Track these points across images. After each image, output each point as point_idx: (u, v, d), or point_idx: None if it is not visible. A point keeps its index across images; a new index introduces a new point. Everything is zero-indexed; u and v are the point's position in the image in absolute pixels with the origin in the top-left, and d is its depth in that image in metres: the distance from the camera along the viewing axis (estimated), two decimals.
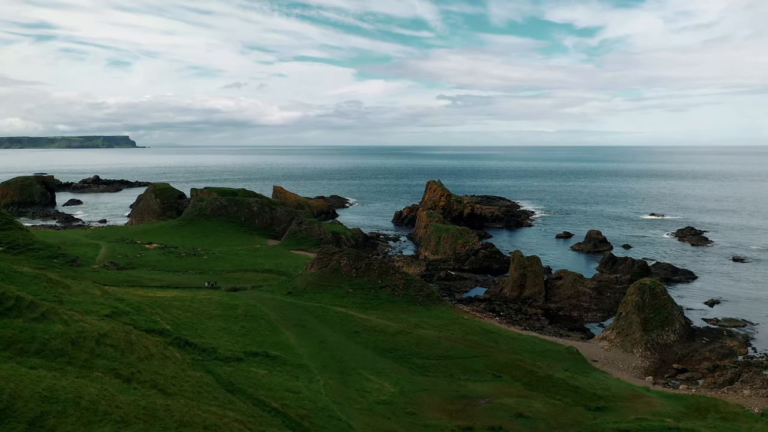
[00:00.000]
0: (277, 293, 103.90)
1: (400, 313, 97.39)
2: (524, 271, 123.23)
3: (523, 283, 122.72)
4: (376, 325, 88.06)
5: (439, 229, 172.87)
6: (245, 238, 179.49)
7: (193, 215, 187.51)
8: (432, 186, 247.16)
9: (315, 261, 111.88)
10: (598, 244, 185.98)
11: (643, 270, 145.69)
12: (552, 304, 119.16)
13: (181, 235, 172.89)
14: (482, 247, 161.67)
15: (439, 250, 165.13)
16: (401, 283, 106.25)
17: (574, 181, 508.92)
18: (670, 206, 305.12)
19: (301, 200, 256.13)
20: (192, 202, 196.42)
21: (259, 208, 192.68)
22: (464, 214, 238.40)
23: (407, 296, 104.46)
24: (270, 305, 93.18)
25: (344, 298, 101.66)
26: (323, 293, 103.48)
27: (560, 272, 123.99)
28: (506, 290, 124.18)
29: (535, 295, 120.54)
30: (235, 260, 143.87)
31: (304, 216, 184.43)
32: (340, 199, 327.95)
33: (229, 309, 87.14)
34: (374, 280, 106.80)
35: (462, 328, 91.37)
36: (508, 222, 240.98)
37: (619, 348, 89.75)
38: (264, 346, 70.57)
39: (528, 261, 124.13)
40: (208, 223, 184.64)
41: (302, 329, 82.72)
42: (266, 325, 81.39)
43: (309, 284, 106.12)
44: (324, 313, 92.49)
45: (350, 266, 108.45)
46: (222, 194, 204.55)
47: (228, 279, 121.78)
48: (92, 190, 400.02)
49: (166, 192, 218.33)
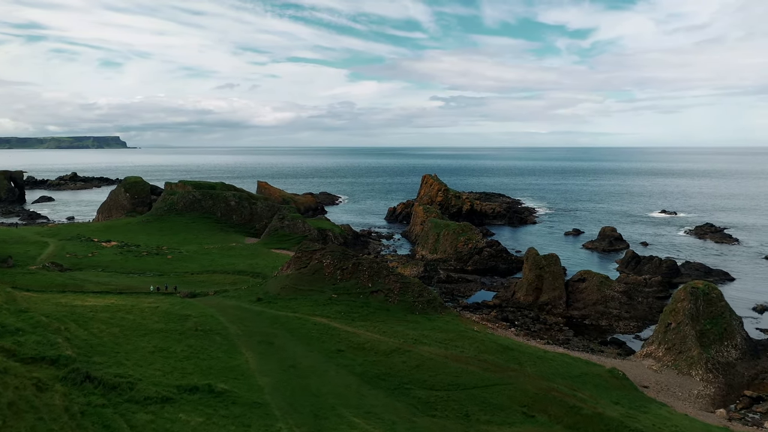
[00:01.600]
0: (244, 300, 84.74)
1: (395, 324, 78.53)
2: (540, 271, 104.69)
3: (539, 286, 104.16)
4: (365, 341, 69.17)
5: (438, 225, 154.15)
6: (220, 235, 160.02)
7: (162, 210, 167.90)
8: (428, 180, 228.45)
9: (292, 260, 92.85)
10: (614, 241, 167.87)
11: (672, 270, 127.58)
12: (575, 311, 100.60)
13: (146, 233, 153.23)
14: (487, 245, 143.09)
15: (438, 249, 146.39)
16: (396, 287, 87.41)
17: (573, 179, 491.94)
18: (680, 203, 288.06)
19: (286, 196, 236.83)
20: (162, 195, 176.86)
21: (237, 202, 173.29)
22: (463, 211, 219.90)
23: (403, 303, 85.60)
24: (231, 316, 74.12)
25: (326, 305, 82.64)
26: (301, 300, 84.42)
27: (583, 273, 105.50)
28: (519, 294, 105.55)
29: (555, 300, 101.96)
30: (204, 260, 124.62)
31: (288, 211, 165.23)
32: (330, 196, 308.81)
33: (176, 321, 68.01)
34: (364, 283, 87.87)
35: (473, 343, 72.59)
36: (511, 219, 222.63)
37: (671, 368, 71.26)
38: (210, 376, 51.54)
39: (545, 260, 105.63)
40: (179, 219, 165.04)
41: (268, 348, 63.72)
42: (221, 344, 62.34)
43: (284, 288, 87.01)
44: (300, 325, 73.52)
45: (334, 266, 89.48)
46: (198, 188, 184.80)
47: (190, 282, 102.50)
48: (69, 187, 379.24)
49: (137, 186, 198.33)
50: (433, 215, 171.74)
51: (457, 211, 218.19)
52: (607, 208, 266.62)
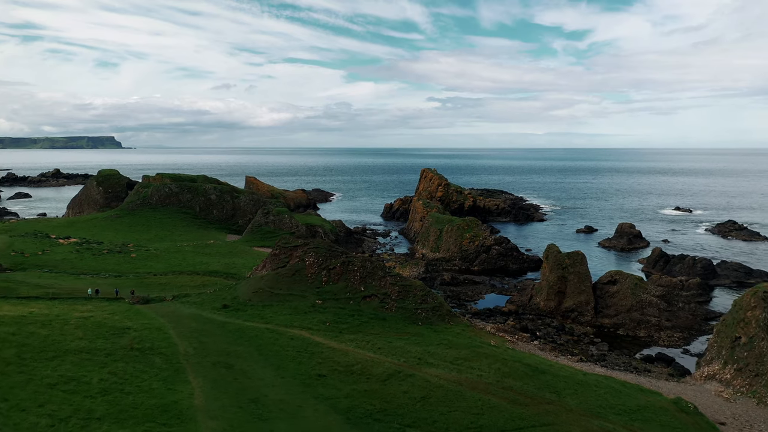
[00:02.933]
0: (207, 307, 68.89)
1: (394, 338, 62.81)
2: (564, 272, 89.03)
3: (562, 289, 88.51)
4: (354, 362, 53.47)
5: (440, 220, 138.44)
6: (198, 232, 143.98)
7: (134, 204, 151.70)
8: (427, 174, 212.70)
9: (268, 259, 77.06)
10: (633, 239, 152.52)
11: (708, 271, 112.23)
12: (606, 318, 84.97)
13: (114, 229, 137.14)
14: (495, 243, 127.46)
15: (441, 247, 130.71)
16: (394, 291, 71.69)
17: (576, 177, 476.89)
18: (693, 201, 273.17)
19: (275, 191, 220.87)
20: (135, 188, 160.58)
21: (218, 196, 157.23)
22: (465, 207, 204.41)
23: (403, 311, 69.90)
24: (185, 328, 58.31)
25: (308, 314, 66.84)
26: (277, 307, 68.59)
27: (613, 274, 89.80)
28: (539, 299, 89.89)
29: (581, 306, 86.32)
30: (174, 259, 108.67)
31: (273, 206, 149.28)
32: (323, 193, 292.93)
33: (107, 337, 52.20)
34: (354, 286, 72.16)
35: (492, 363, 56.88)
36: (517, 216, 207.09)
37: (747, 396, 55.77)
38: (128, 423, 35.84)
39: (569, 259, 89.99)
40: (153, 214, 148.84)
41: (226, 373, 47.98)
42: (161, 368, 46.57)
43: (257, 293, 71.16)
44: (272, 340, 57.73)
45: (319, 266, 73.73)
46: (177, 180, 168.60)
47: (149, 285, 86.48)
48: (50, 184, 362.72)
49: (111, 180, 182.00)
50: (434, 210, 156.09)
51: (458, 207, 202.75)
52: (617, 205, 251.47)
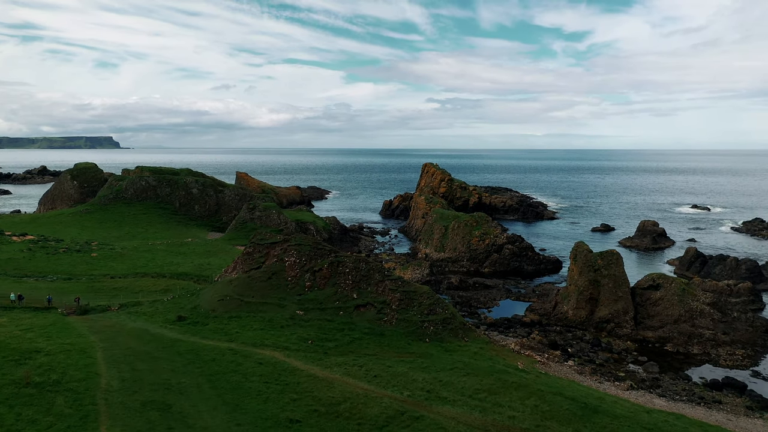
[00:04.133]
0: (159, 319, 54.71)
1: (394, 360, 48.67)
2: (596, 275, 74.88)
3: (594, 295, 74.33)
4: (341, 398, 39.33)
5: (445, 216, 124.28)
6: (177, 229, 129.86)
7: (107, 199, 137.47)
8: (429, 169, 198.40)
9: (240, 259, 62.88)
10: (658, 238, 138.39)
11: (755, 273, 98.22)
12: (648, 331, 70.78)
13: (82, 225, 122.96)
14: (508, 241, 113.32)
15: (447, 246, 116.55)
16: (394, 299, 57.54)
17: (581, 175, 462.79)
18: (708, 199, 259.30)
19: (266, 186, 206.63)
20: (108, 181, 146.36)
21: (200, 190, 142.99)
22: (470, 204, 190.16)
23: (406, 324, 55.78)
24: (120, 351, 44.21)
25: (286, 329, 52.68)
26: (246, 319, 54.40)
27: (655, 278, 75.56)
28: (566, 307, 75.69)
29: (618, 315, 72.13)
30: (140, 260, 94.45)
31: (259, 200, 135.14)
32: (319, 190, 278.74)
33: (2, 365, 38.16)
34: (346, 292, 58.04)
35: (526, 396, 42.67)
36: (525, 213, 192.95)
37: None
38: None
39: (602, 260, 75.83)
40: (126, 210, 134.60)
41: (157, 420, 33.84)
42: (60, 414, 32.49)
43: (223, 301, 56.96)
44: (233, 365, 43.57)
45: (302, 267, 59.56)
46: (157, 173, 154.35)
47: (101, 290, 72.24)
48: (36, 181, 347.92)
49: (87, 173, 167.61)
50: (438, 205, 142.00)
51: (463, 204, 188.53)
52: (630, 203, 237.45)
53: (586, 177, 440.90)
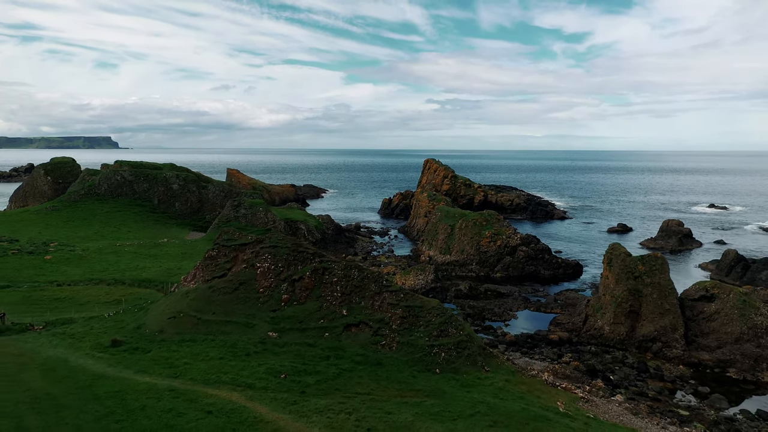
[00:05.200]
0: (87, 344, 42.05)
1: (395, 401, 36.07)
2: (636, 284, 62.30)
3: (635, 308, 61.76)
4: None
5: (451, 215, 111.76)
6: (154, 228, 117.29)
7: (78, 195, 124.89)
8: (431, 165, 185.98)
9: (201, 265, 50.23)
10: (684, 240, 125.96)
11: None
12: (704, 353, 58.19)
13: (46, 223, 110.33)
14: (522, 243, 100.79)
15: (453, 248, 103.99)
16: (395, 317, 45.03)
17: (585, 175, 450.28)
18: (724, 199, 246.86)
19: (257, 184, 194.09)
20: (80, 176, 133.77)
21: (181, 185, 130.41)
22: (475, 202, 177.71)
23: (410, 349, 43.33)
24: (14, 394, 31.64)
25: (252, 358, 40.13)
26: (202, 343, 41.87)
27: (708, 287, 62.91)
28: (601, 322, 63.11)
29: (666, 333, 59.56)
30: (101, 263, 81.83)
31: (245, 197, 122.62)
32: (315, 189, 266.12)
33: None
34: (333, 307, 45.58)
35: None
36: (534, 213, 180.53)
37: None
38: None
39: (643, 265, 63.22)
40: (99, 207, 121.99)
41: None
42: None
43: (175, 319, 44.42)
44: (171, 417, 30.94)
45: (277, 275, 47.05)
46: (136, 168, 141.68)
47: (39, 301, 59.64)
48: (22, 179, 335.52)
49: (63, 168, 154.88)
50: (442, 203, 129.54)
51: (467, 202, 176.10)
52: (643, 203, 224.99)
53: (590, 176, 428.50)
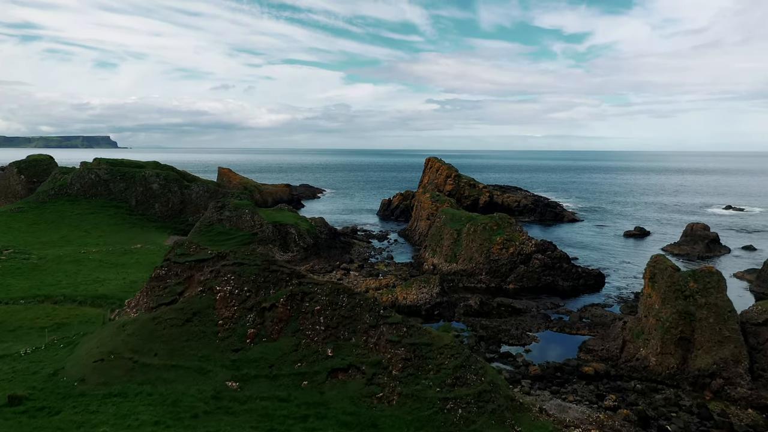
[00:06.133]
0: None
1: None
2: (688, 305, 51.43)
3: (687, 334, 50.92)
4: None
5: (457, 218, 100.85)
6: (130, 232, 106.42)
7: (47, 195, 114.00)
8: (433, 164, 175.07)
9: (146, 287, 39.33)
10: (711, 245, 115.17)
11: None
12: None
13: (7, 226, 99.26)
14: (537, 249, 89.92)
15: (460, 255, 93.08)
16: (396, 359, 34.13)
17: (588, 175, 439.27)
18: (738, 200, 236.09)
19: (249, 183, 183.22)
20: (52, 175, 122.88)
21: (162, 185, 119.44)
22: (480, 203, 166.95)
23: (416, 403, 32.54)
24: None
25: (200, 420, 29.33)
26: (136, 399, 31.03)
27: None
28: (644, 351, 52.27)
29: (728, 367, 48.73)
30: (55, 275, 70.95)
31: (230, 198, 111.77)
32: (311, 189, 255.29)
33: None
34: (314, 346, 34.75)
35: None
36: (543, 214, 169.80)
37: None
38: None
39: (696, 282, 52.34)
40: (70, 208, 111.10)
41: None
42: None
43: (104, 363, 33.49)
44: None
45: (241, 302, 36.15)
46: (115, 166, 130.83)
47: None
48: None
49: (38, 167, 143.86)
50: (446, 204, 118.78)
51: (472, 203, 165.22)
52: (656, 204, 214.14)
53: (594, 177, 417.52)
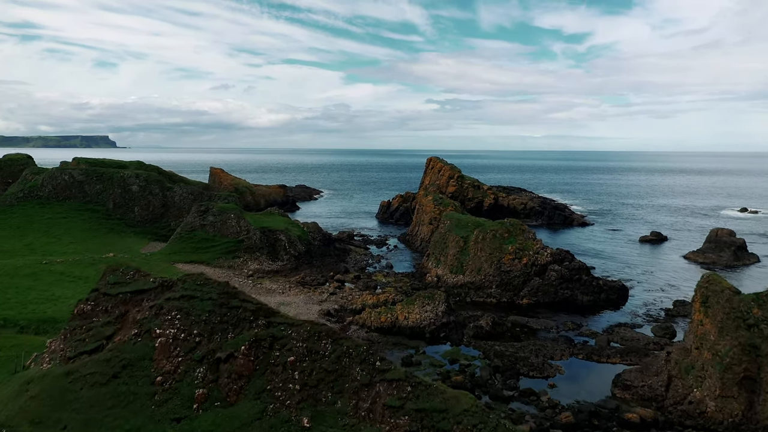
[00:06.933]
0: None
1: None
2: (752, 336, 42.26)
3: (751, 373, 41.71)
4: None
5: (463, 223, 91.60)
6: (107, 238, 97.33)
7: (16, 198, 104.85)
8: (435, 164, 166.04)
9: (66, 329, 30.13)
10: (739, 253, 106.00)
11: None
12: None
13: None
14: (553, 260, 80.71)
15: (467, 266, 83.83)
16: (396, 430, 25.12)
17: (592, 176, 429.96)
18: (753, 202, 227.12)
19: (241, 184, 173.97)
20: (22, 175, 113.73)
21: (142, 187, 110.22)
22: (484, 206, 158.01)
23: None
24: None
25: None
26: None
27: None
28: (698, 392, 43.09)
29: None
30: (6, 291, 61.82)
31: (215, 201, 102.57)
32: (308, 190, 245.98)
33: None
34: (285, 413, 25.67)
35: None
36: (551, 218, 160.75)
37: None
38: None
39: (761, 308, 43.14)
40: (39, 212, 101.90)
41: None
42: None
43: None
44: None
45: (188, 350, 26.99)
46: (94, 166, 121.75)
47: None
48: None
49: (14, 166, 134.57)
50: (451, 208, 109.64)
51: (476, 206, 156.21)
52: (668, 207, 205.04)
53: (597, 177, 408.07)
